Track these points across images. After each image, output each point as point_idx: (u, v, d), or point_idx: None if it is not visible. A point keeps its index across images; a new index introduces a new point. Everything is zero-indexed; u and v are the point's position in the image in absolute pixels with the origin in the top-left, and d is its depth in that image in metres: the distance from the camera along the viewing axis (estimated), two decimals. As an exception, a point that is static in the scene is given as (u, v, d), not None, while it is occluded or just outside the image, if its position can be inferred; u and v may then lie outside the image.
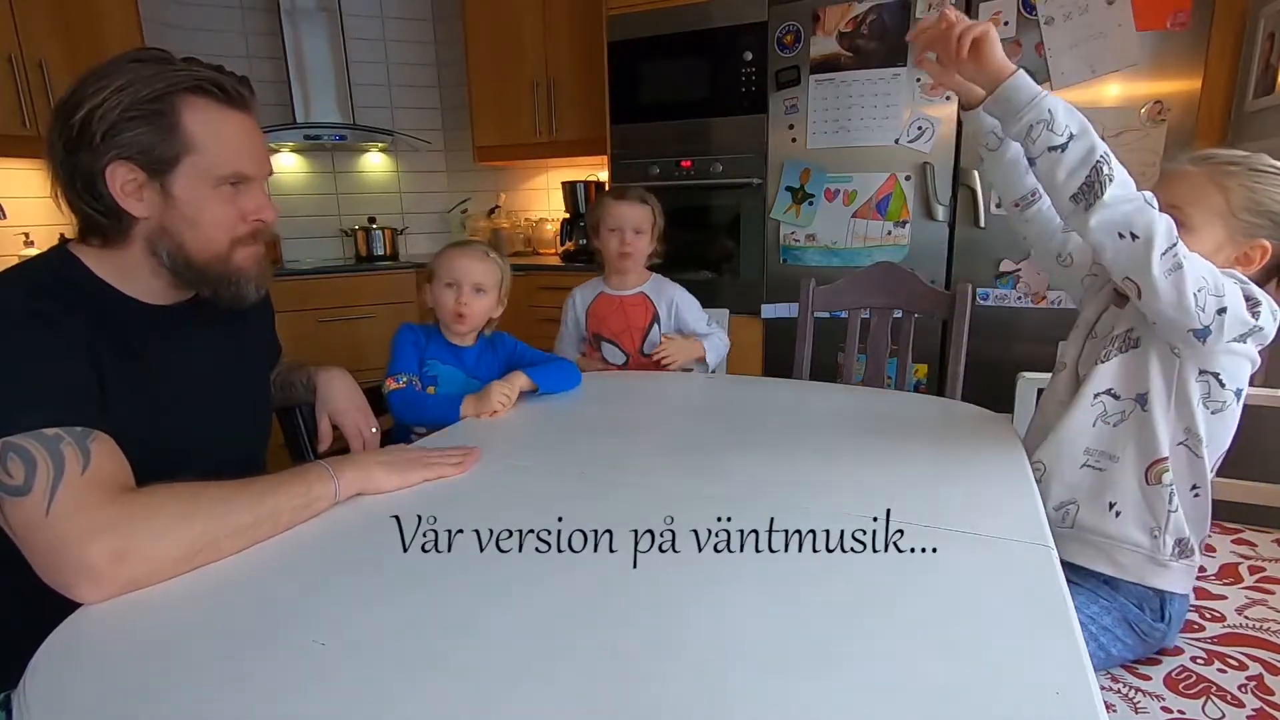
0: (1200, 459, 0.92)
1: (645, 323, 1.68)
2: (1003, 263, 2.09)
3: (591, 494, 0.89)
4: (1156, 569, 0.93)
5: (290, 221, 3.25)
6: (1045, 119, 0.86)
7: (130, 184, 0.79)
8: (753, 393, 1.43)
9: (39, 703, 0.52)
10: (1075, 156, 0.85)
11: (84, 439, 0.69)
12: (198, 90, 0.80)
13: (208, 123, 0.81)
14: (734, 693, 0.52)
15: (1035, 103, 0.87)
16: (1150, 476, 0.93)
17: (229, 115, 0.83)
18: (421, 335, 1.37)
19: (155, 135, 0.78)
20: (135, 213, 0.80)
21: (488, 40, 3.07)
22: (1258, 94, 1.71)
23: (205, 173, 0.82)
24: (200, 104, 0.81)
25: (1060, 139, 0.85)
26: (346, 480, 0.83)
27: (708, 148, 2.47)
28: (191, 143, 0.80)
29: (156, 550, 0.65)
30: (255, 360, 1.06)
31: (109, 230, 0.82)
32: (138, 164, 0.78)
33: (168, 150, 0.79)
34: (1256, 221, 0.87)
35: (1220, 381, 0.90)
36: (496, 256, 1.37)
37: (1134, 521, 0.94)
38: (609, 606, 0.63)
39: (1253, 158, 0.90)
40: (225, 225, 0.85)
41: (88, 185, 0.78)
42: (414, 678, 0.54)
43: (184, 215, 0.82)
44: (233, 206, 0.85)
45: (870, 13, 2.12)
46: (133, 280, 0.85)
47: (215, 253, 0.85)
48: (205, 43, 2.96)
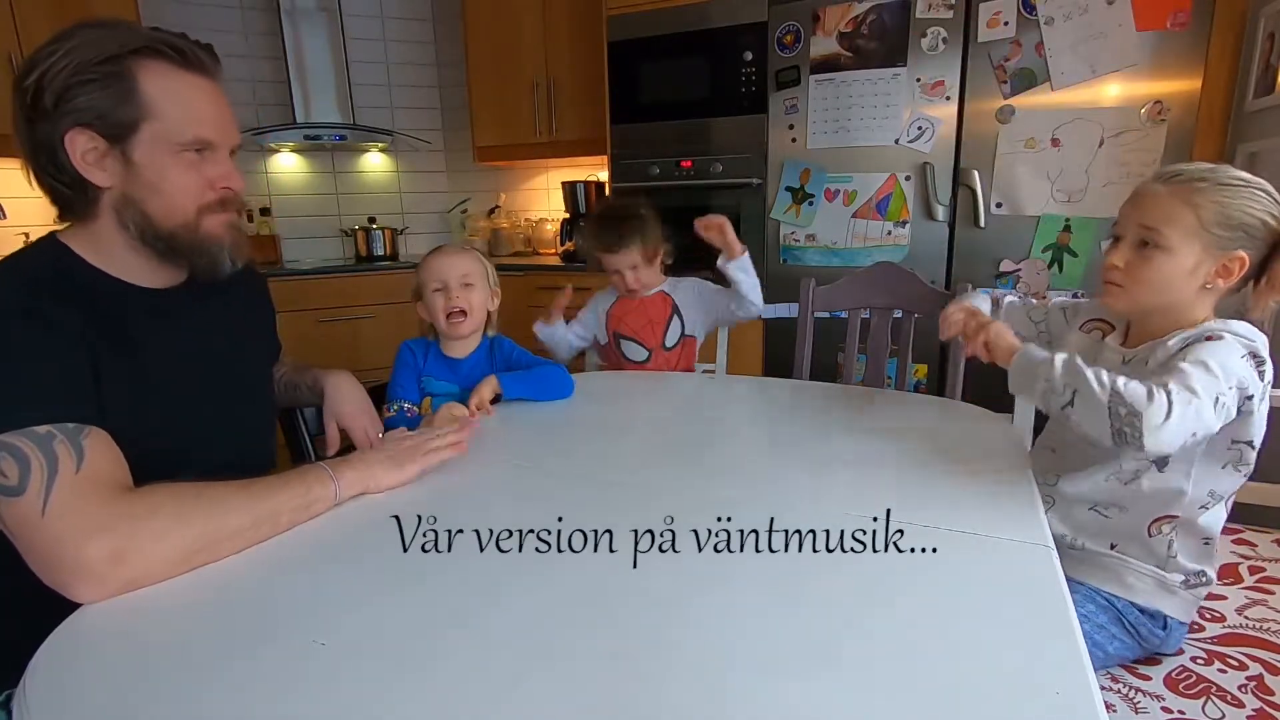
0: (1221, 513, 0.93)
1: (665, 316, 1.68)
2: (1003, 263, 2.09)
3: (591, 494, 0.89)
4: (1165, 594, 0.93)
5: (290, 221, 3.26)
6: (1043, 386, 0.88)
7: (91, 153, 0.78)
8: (753, 393, 1.43)
9: (39, 703, 0.52)
10: (1083, 408, 0.84)
11: (77, 436, 0.68)
12: (154, 53, 0.78)
13: (166, 87, 0.79)
14: (734, 693, 0.52)
15: (1040, 373, 0.89)
16: (1152, 529, 0.94)
17: (189, 79, 0.81)
18: (420, 353, 1.36)
19: (111, 99, 0.76)
20: (98, 182, 0.79)
21: (488, 40, 3.07)
22: (1258, 94, 1.71)
23: (166, 139, 0.80)
24: (158, 67, 0.78)
25: (1064, 397, 0.86)
26: (346, 481, 0.83)
27: (708, 148, 2.47)
28: (150, 107, 0.78)
29: (155, 551, 0.65)
30: (255, 354, 1.05)
31: (76, 204, 0.81)
32: (97, 130, 0.77)
33: (125, 115, 0.77)
34: (1229, 235, 0.87)
35: (1252, 445, 0.90)
36: (474, 250, 1.37)
37: (1138, 558, 0.95)
38: (609, 606, 0.63)
39: (1219, 171, 0.89)
40: (190, 192, 0.83)
41: (50, 157, 0.77)
42: (414, 678, 0.54)
43: (147, 182, 0.80)
44: (197, 174, 0.83)
45: (870, 13, 2.12)
46: (115, 260, 0.83)
47: (182, 220, 0.83)
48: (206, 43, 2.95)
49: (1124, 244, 0.95)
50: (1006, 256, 2.08)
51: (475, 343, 1.37)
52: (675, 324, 1.68)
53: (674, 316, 1.68)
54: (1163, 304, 0.93)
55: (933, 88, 2.09)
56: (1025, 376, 0.92)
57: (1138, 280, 0.93)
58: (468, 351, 1.36)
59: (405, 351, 1.36)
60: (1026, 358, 0.92)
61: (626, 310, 1.69)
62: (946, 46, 2.05)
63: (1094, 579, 0.96)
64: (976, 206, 2.08)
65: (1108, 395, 0.81)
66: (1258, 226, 0.87)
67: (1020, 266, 2.07)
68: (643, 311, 1.68)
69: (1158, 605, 0.93)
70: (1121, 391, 0.80)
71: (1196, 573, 0.94)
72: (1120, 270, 0.94)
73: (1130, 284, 0.94)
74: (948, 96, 2.07)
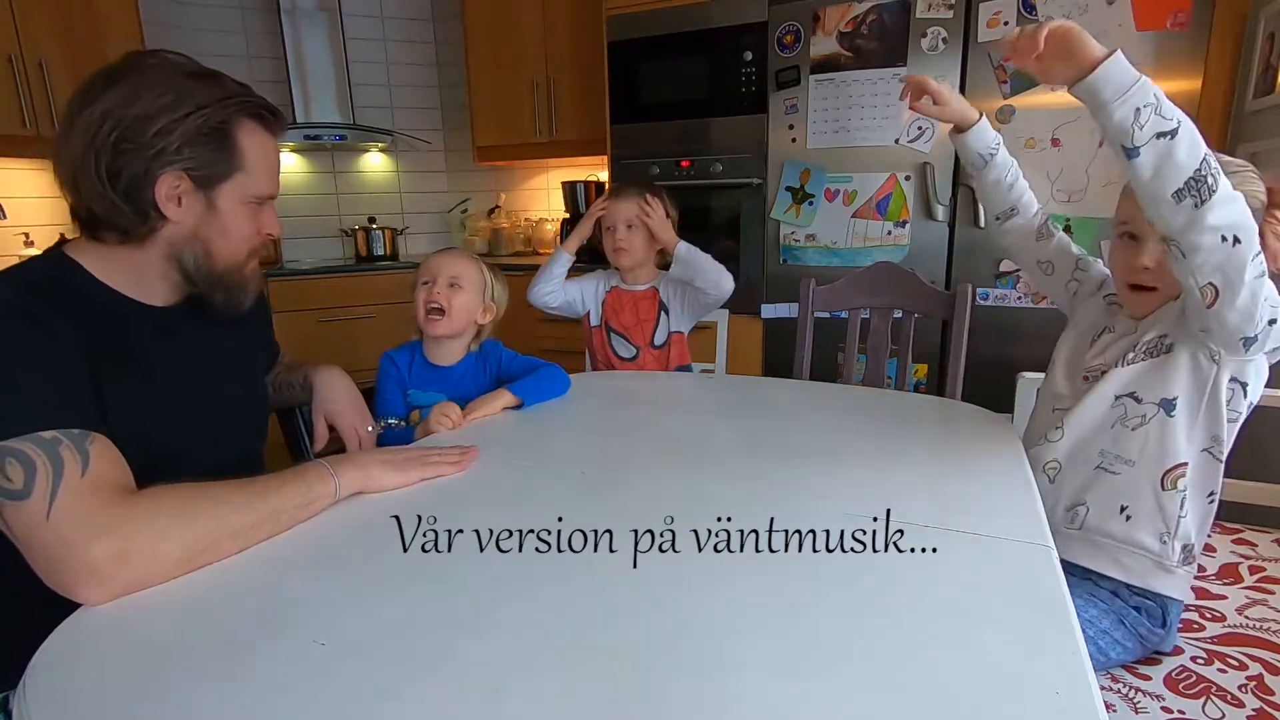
0: (1220, 464, 0.92)
1: (654, 315, 1.69)
2: (1003, 263, 2.09)
3: (591, 494, 0.89)
4: (1162, 575, 0.93)
5: (290, 221, 3.25)
6: (1152, 103, 0.79)
7: (175, 190, 0.82)
8: (752, 393, 1.43)
9: (39, 703, 0.52)
10: (1185, 144, 0.78)
11: (82, 441, 0.69)
12: (253, 114, 0.87)
13: (257, 146, 0.87)
14: (733, 692, 0.52)
15: (1141, 84, 0.79)
16: (1166, 482, 0.93)
17: (272, 142, 0.91)
18: (403, 364, 1.31)
19: (215, 154, 0.84)
20: (172, 217, 0.83)
21: (488, 40, 3.07)
22: (1258, 94, 1.71)
23: (247, 191, 0.88)
24: (253, 127, 0.87)
25: (1170, 124, 0.78)
26: (346, 479, 0.83)
27: (708, 148, 2.47)
28: (242, 162, 0.86)
29: (158, 551, 0.65)
30: (251, 361, 1.07)
31: (130, 228, 0.82)
32: (189, 175, 0.82)
33: (222, 168, 0.85)
34: None
35: (1245, 390, 0.90)
36: (481, 261, 1.33)
37: (1144, 526, 0.94)
38: (609, 606, 0.63)
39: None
40: (247, 238, 0.91)
41: (131, 186, 0.80)
42: (414, 678, 0.54)
43: (220, 226, 0.87)
44: (254, 221, 0.91)
45: (870, 13, 2.12)
46: (135, 280, 0.86)
47: (235, 262, 0.90)
48: (205, 43, 2.96)
49: (1149, 242, 0.92)
50: (1006, 256, 2.08)
51: (461, 351, 1.33)
52: (663, 321, 1.69)
53: (661, 314, 1.69)
54: None
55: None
56: (1124, 77, 0.79)
57: (1167, 278, 0.90)
58: (456, 359, 1.32)
59: (386, 363, 1.31)
60: (1124, 60, 0.80)
61: (621, 303, 1.71)
62: (946, 46, 2.05)
63: (1089, 559, 0.96)
64: (976, 206, 2.08)
65: (1204, 148, 0.78)
66: (1255, 206, 0.87)
67: (1020, 267, 2.07)
68: (634, 309, 1.70)
69: (1157, 586, 0.93)
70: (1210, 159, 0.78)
71: (1188, 546, 0.93)
72: (1151, 271, 0.93)
73: (1163, 284, 0.92)
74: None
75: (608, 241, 1.66)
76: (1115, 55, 0.80)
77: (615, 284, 1.73)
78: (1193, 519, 0.93)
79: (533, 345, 2.35)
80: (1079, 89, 0.83)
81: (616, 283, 1.73)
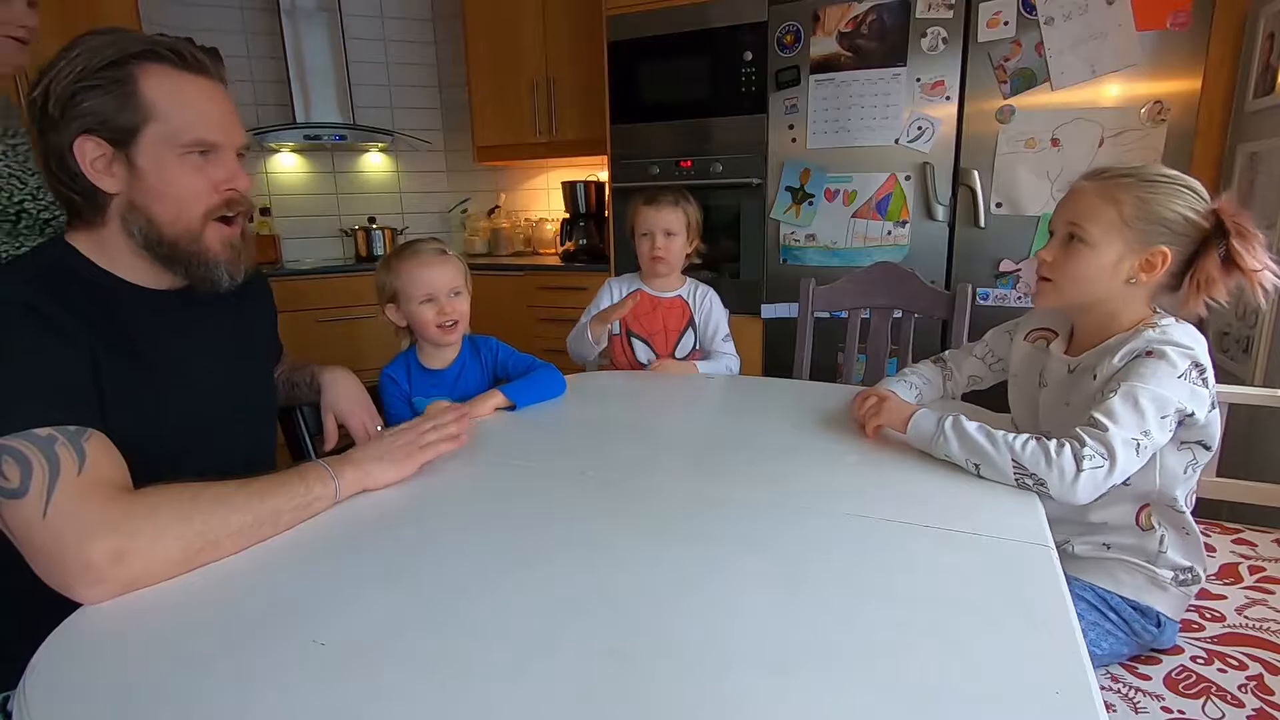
0: (1181, 513, 0.94)
1: (681, 326, 1.66)
2: (1003, 263, 2.09)
3: (590, 494, 0.89)
4: (1155, 590, 0.93)
5: (290, 221, 3.26)
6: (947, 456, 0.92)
7: (100, 160, 0.79)
8: (753, 393, 1.43)
9: (39, 703, 0.52)
10: (993, 472, 0.88)
11: (78, 438, 0.68)
12: (154, 57, 0.79)
13: (167, 89, 0.79)
14: (733, 692, 0.52)
15: (935, 444, 0.94)
16: (1140, 519, 0.95)
17: (189, 80, 0.81)
18: (401, 376, 1.31)
19: (113, 103, 0.77)
20: (106, 189, 0.80)
21: (488, 40, 3.07)
22: (1258, 94, 1.71)
23: (168, 141, 0.80)
24: (158, 70, 0.79)
25: (973, 459, 0.90)
26: (346, 480, 0.83)
27: (708, 148, 2.47)
28: (151, 110, 0.78)
29: (156, 550, 0.65)
30: (257, 355, 1.05)
31: (85, 210, 0.81)
32: (102, 136, 0.78)
33: (128, 119, 0.78)
34: (1151, 229, 0.89)
35: (1205, 446, 0.92)
36: (454, 254, 1.32)
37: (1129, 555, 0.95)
38: (607, 605, 0.63)
39: (1145, 169, 0.92)
40: (195, 196, 0.83)
41: (61, 165, 0.79)
42: (413, 677, 0.54)
43: (151, 187, 0.80)
44: (202, 176, 0.83)
45: (870, 13, 2.12)
46: (121, 264, 0.84)
47: (186, 227, 0.83)
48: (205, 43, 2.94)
49: (1054, 240, 0.97)
50: (1006, 256, 2.08)
51: (455, 350, 1.33)
52: (689, 336, 1.66)
53: (689, 328, 1.66)
54: (1091, 300, 0.95)
55: (933, 88, 2.09)
56: (927, 448, 0.96)
57: (1064, 275, 0.95)
58: (449, 360, 1.32)
59: (388, 382, 1.31)
60: (917, 430, 0.96)
61: (645, 310, 1.66)
62: (946, 46, 2.05)
63: (1085, 574, 0.97)
64: (976, 206, 2.08)
65: (1009, 461, 0.86)
66: (1179, 222, 0.88)
67: (1020, 266, 2.07)
68: (659, 317, 1.66)
69: (1148, 601, 0.93)
70: (1022, 458, 0.85)
71: (1186, 568, 0.94)
72: (1048, 265, 0.97)
73: (1058, 278, 0.96)
74: (948, 96, 2.07)
75: (644, 248, 1.62)
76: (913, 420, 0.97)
77: (639, 288, 1.67)
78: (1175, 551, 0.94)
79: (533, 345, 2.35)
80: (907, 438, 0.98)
81: (640, 286, 1.67)
